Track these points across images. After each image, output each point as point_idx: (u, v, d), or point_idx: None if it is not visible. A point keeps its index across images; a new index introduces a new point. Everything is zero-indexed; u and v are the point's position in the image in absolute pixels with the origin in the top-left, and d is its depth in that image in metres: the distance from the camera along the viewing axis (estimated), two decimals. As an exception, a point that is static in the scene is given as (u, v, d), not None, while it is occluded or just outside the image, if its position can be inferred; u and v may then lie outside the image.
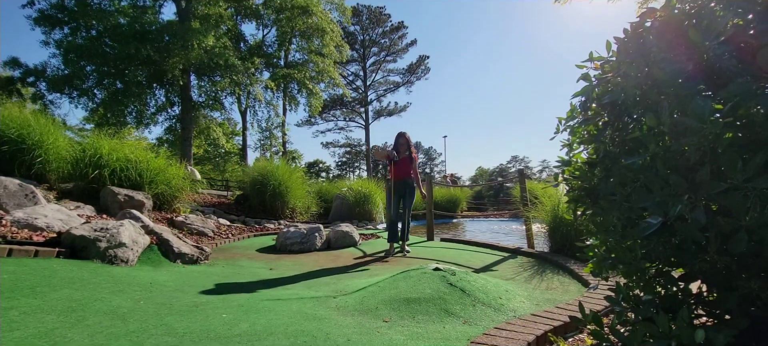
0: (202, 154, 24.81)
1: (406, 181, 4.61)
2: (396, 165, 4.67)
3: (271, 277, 3.33)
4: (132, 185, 5.35)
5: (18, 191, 3.86)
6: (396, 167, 4.68)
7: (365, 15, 32.79)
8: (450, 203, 12.81)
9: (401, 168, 4.65)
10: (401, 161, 4.66)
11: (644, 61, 1.01)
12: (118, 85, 12.83)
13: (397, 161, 4.67)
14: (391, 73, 35.06)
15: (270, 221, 7.54)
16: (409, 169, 4.63)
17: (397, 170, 4.67)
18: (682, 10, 1.01)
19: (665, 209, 0.85)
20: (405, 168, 4.64)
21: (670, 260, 1.03)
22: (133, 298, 2.20)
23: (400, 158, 4.66)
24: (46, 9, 12.24)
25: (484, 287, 2.44)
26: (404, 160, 4.67)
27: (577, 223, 1.44)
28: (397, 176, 4.65)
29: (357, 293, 2.50)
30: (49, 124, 5.42)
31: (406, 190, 4.62)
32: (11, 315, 1.71)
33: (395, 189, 4.65)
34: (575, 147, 1.38)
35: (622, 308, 1.10)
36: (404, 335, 1.75)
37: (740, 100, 0.80)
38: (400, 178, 4.64)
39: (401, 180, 4.63)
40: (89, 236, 2.95)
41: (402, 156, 4.66)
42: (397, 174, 4.66)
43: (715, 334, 0.84)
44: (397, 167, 4.67)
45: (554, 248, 4.21)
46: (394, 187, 4.68)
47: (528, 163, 45.97)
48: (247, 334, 1.71)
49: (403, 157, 4.65)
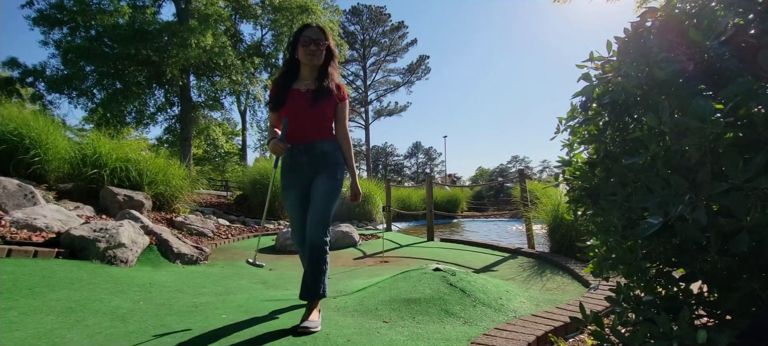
0: (202, 155, 24.79)
1: (314, 147, 1.99)
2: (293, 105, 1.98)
3: (270, 277, 3.32)
4: (131, 185, 5.35)
5: (17, 191, 3.85)
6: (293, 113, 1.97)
7: (365, 14, 32.83)
8: (450, 203, 12.81)
9: (304, 117, 1.97)
10: (302, 99, 1.97)
11: (645, 60, 1.00)
12: (118, 86, 12.82)
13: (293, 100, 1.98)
14: (391, 73, 35.13)
15: (269, 221, 7.54)
16: (324, 122, 2.02)
17: (296, 121, 1.97)
18: (682, 9, 1.01)
19: (666, 209, 0.85)
20: (312, 117, 1.98)
21: (670, 261, 1.03)
22: (132, 298, 2.20)
23: (303, 93, 1.98)
24: (45, 9, 12.23)
25: (484, 287, 2.44)
26: (307, 99, 1.97)
27: (578, 223, 1.43)
28: (296, 134, 1.98)
29: (357, 294, 2.50)
30: (48, 124, 5.42)
31: (315, 170, 1.99)
32: (10, 316, 1.71)
33: (291, 168, 2.02)
34: (576, 147, 1.37)
35: (622, 308, 1.10)
36: (404, 336, 1.75)
37: (741, 100, 0.80)
38: (301, 139, 1.98)
39: (304, 145, 1.98)
40: (88, 236, 2.95)
41: (305, 86, 2.00)
42: (296, 133, 1.97)
43: (716, 334, 0.84)
44: (295, 113, 1.97)
45: (554, 248, 4.21)
46: (289, 163, 2.03)
47: (528, 164, 46.04)
48: (246, 334, 1.70)
49: (307, 92, 1.99)
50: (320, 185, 1.96)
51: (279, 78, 2.08)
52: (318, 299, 1.91)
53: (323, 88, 2.01)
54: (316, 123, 2.01)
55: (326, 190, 1.94)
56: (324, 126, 2.05)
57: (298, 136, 2.00)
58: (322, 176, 1.98)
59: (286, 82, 2.04)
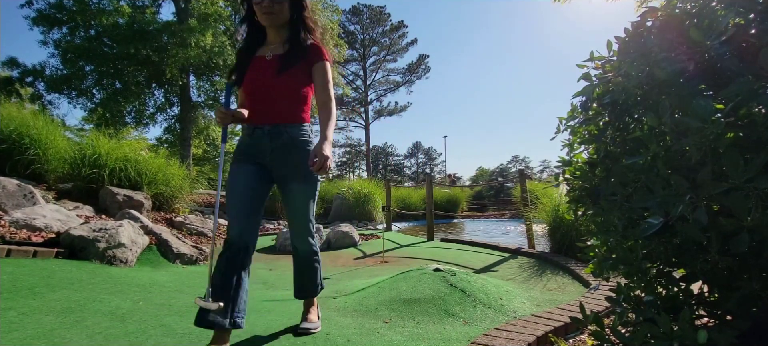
0: (202, 155, 24.76)
1: (281, 132, 1.57)
2: (255, 76, 1.58)
3: (270, 277, 3.32)
4: (131, 185, 5.35)
5: (16, 191, 3.85)
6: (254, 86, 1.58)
7: (365, 14, 32.81)
8: (450, 203, 12.81)
9: (268, 91, 1.56)
10: (266, 68, 1.56)
11: (645, 60, 1.00)
12: (117, 85, 12.82)
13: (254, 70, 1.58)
14: (391, 73, 35.10)
15: (269, 221, 7.53)
16: (295, 97, 1.58)
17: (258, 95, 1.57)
18: (683, 9, 1.01)
19: (666, 209, 0.85)
20: (278, 91, 1.56)
21: (671, 261, 1.03)
22: (132, 298, 2.20)
23: (268, 60, 1.57)
24: (44, 9, 12.22)
25: (484, 287, 2.44)
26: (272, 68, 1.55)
27: (578, 223, 1.43)
28: (258, 111, 1.58)
29: (357, 294, 2.49)
30: (47, 124, 5.41)
31: (281, 163, 1.59)
32: (10, 316, 1.70)
33: (250, 149, 1.60)
34: (576, 147, 1.37)
35: (623, 308, 1.10)
36: (404, 336, 1.75)
37: (742, 99, 0.80)
38: (264, 118, 1.58)
39: (268, 127, 1.57)
40: (88, 236, 2.95)
41: (271, 51, 1.59)
42: (258, 109, 1.58)
43: (717, 335, 0.84)
44: (256, 86, 1.57)
45: (555, 248, 4.21)
46: (248, 144, 1.60)
47: (528, 164, 46.01)
48: (246, 335, 1.70)
49: (273, 58, 1.57)
50: (296, 193, 1.61)
51: (242, 47, 1.66)
52: (315, 295, 1.82)
53: (292, 53, 1.55)
54: (284, 99, 1.56)
55: (304, 198, 1.63)
56: (295, 104, 1.57)
57: (260, 115, 1.57)
58: (295, 181, 1.60)
59: (250, 49, 1.63)
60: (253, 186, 1.56)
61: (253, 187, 1.56)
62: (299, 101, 1.61)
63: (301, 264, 1.76)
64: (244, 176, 1.57)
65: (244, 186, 1.55)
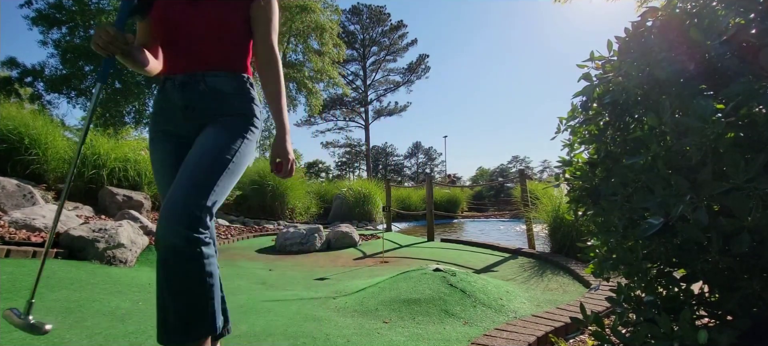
0: (202, 155, 24.75)
1: (198, 81, 1.14)
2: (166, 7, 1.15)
3: (270, 277, 3.32)
4: (130, 185, 5.35)
5: (16, 191, 3.84)
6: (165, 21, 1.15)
7: (365, 14, 32.82)
8: (450, 203, 12.81)
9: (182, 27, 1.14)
10: None
11: (645, 60, 1.00)
12: (117, 85, 12.82)
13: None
14: (391, 73, 35.12)
15: (269, 222, 7.53)
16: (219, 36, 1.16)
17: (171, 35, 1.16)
18: (683, 9, 1.01)
19: (667, 209, 0.85)
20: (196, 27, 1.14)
21: (671, 261, 1.03)
22: (131, 299, 2.20)
23: None
24: (43, 9, 12.22)
25: (484, 287, 2.44)
26: None
27: (578, 223, 1.43)
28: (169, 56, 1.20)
29: (357, 294, 2.49)
30: (47, 124, 5.42)
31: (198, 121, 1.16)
32: (9, 316, 1.70)
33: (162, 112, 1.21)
34: (576, 147, 1.37)
35: (623, 308, 1.10)
36: (404, 336, 1.74)
37: (742, 99, 0.80)
38: (177, 66, 1.18)
39: (181, 76, 1.16)
40: (87, 236, 2.94)
41: None
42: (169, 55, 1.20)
43: (717, 335, 0.84)
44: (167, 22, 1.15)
45: (555, 248, 4.21)
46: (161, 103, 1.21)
47: (529, 164, 46.01)
48: (246, 335, 1.70)
49: None
50: (202, 139, 1.11)
51: None
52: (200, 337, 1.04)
53: None
54: (205, 38, 1.14)
55: (209, 147, 1.08)
56: (220, 44, 1.16)
57: (172, 60, 1.18)
58: (208, 127, 1.13)
59: None
60: (171, 176, 1.12)
61: (171, 176, 1.12)
62: (223, 41, 1.17)
63: (169, 269, 1.02)
64: (160, 164, 1.20)
65: (167, 179, 1.16)
